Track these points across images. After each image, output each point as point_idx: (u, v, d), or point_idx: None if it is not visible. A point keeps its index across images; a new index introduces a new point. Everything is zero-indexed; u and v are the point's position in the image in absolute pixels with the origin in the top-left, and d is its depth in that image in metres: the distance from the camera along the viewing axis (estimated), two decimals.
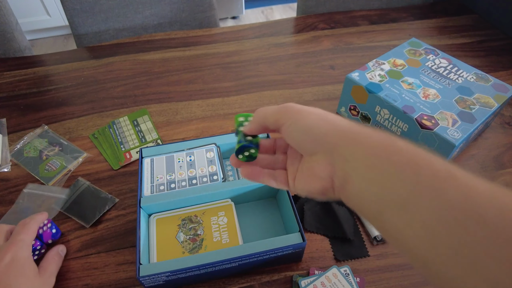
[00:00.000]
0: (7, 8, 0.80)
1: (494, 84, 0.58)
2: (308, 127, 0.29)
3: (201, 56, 0.80)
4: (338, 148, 0.27)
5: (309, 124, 0.29)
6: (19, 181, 0.56)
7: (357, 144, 0.27)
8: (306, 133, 0.29)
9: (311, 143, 0.29)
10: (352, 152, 0.27)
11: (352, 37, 0.84)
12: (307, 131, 0.29)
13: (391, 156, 0.25)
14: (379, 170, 0.25)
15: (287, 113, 0.31)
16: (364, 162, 0.26)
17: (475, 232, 0.19)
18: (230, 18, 2.28)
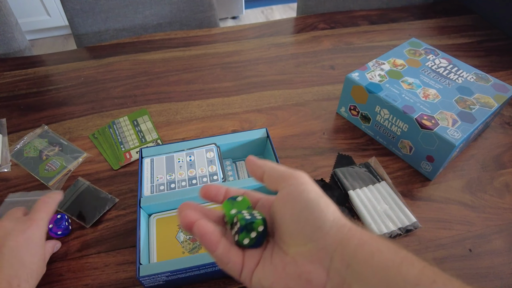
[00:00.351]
0: (7, 8, 0.80)
1: (494, 84, 0.58)
2: (319, 205, 0.23)
3: (201, 56, 0.80)
4: (344, 246, 0.22)
5: (322, 203, 0.23)
6: (19, 181, 0.56)
7: (364, 247, 0.22)
8: (315, 212, 0.23)
9: (315, 227, 0.22)
10: (358, 256, 0.21)
11: (352, 37, 0.84)
12: (316, 209, 0.23)
13: (402, 267, 0.20)
14: (387, 284, 0.20)
15: (297, 178, 0.25)
16: (370, 273, 0.21)
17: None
18: (230, 18, 2.28)
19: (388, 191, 0.52)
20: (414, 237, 0.48)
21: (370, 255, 0.21)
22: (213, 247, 0.24)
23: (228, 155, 0.55)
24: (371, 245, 0.22)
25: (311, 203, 0.23)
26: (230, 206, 0.27)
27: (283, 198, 0.25)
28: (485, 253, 0.46)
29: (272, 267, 0.24)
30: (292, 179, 0.25)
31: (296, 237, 0.23)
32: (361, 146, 0.60)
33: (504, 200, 0.53)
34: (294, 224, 0.23)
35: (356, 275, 0.21)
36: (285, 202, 0.24)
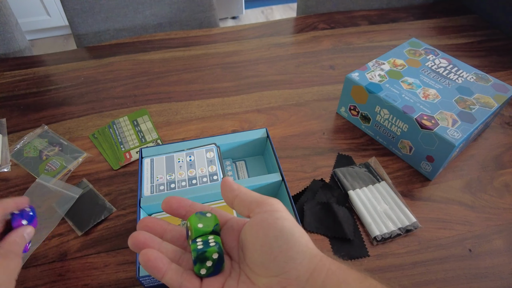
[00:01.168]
0: (7, 8, 0.80)
1: (494, 84, 0.58)
2: (293, 235, 0.22)
3: (201, 56, 0.80)
4: (315, 277, 0.22)
5: (295, 233, 0.22)
6: (19, 181, 0.55)
7: (332, 278, 0.22)
8: (289, 242, 0.22)
9: (287, 258, 0.22)
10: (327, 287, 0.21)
11: (352, 37, 0.84)
12: (290, 240, 0.22)
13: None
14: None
15: (270, 205, 0.24)
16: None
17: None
18: (230, 18, 2.28)
19: (388, 191, 0.52)
20: (414, 237, 0.48)
21: (337, 285, 0.22)
22: (159, 274, 0.23)
23: (228, 155, 0.55)
24: (338, 276, 0.22)
25: (285, 232, 0.22)
26: (197, 221, 0.26)
27: (256, 224, 0.23)
28: (485, 253, 0.46)
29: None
30: (266, 205, 0.24)
31: (267, 267, 0.22)
32: (361, 146, 0.60)
33: (504, 200, 0.53)
34: (266, 253, 0.22)
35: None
36: (257, 230, 0.23)
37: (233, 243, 0.26)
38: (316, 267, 0.22)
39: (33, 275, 0.45)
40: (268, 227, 0.23)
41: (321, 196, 0.52)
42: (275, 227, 0.22)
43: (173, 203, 0.27)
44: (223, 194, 0.27)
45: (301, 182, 0.55)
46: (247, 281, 0.24)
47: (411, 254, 0.46)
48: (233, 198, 0.26)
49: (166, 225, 0.27)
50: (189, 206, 0.28)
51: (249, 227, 0.24)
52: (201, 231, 0.25)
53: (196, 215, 0.26)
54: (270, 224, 0.23)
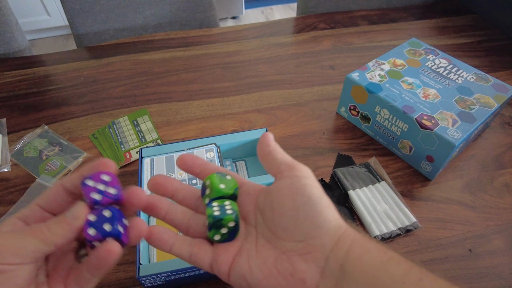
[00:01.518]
0: (7, 8, 0.80)
1: (494, 84, 0.58)
2: (321, 203, 0.22)
3: (201, 56, 0.80)
4: (340, 246, 0.21)
5: (323, 201, 0.22)
6: (19, 181, 0.55)
7: (355, 246, 0.21)
8: (317, 210, 0.22)
9: (314, 225, 0.21)
10: (350, 255, 0.21)
11: (352, 37, 0.84)
12: (318, 207, 0.22)
13: (389, 266, 0.21)
14: (375, 282, 0.20)
15: (299, 170, 0.23)
16: (360, 273, 0.21)
17: None
18: (230, 18, 2.28)
19: (388, 191, 0.52)
20: (414, 237, 0.48)
21: (360, 255, 0.21)
22: (166, 247, 0.24)
23: (228, 155, 0.55)
24: (361, 246, 0.22)
25: (313, 200, 0.22)
26: (218, 181, 0.25)
27: (283, 189, 0.23)
28: (485, 253, 0.46)
29: (260, 261, 0.23)
30: (296, 170, 0.24)
31: (292, 232, 0.22)
32: (361, 146, 0.60)
33: (504, 200, 0.53)
34: (293, 218, 0.22)
35: (347, 275, 0.21)
36: (284, 194, 0.23)
37: (250, 207, 0.26)
38: (341, 237, 0.22)
39: None
40: (296, 192, 0.22)
41: None
42: (304, 193, 0.22)
43: (188, 160, 0.27)
44: (258, 146, 0.27)
45: None
46: (268, 245, 0.23)
47: (411, 254, 0.46)
48: (266, 153, 0.26)
49: (178, 184, 0.27)
50: (203, 165, 0.27)
51: (276, 190, 0.23)
52: (222, 192, 0.25)
53: (217, 174, 0.26)
54: (299, 190, 0.22)
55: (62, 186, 0.23)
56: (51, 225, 0.21)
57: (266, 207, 0.24)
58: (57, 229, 0.21)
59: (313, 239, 0.22)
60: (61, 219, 0.22)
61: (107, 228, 0.21)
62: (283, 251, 0.22)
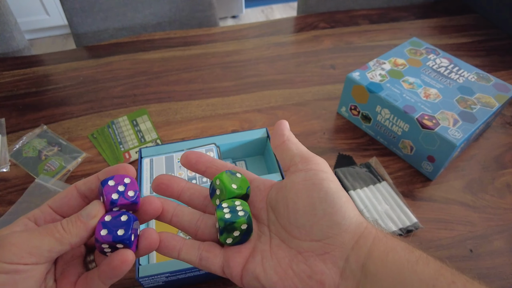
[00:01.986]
0: (6, 7, 0.79)
1: (495, 84, 0.58)
2: (340, 198, 0.20)
3: (200, 55, 0.79)
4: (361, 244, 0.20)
5: (342, 196, 0.20)
6: (18, 181, 0.55)
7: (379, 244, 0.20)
8: (336, 205, 0.20)
9: (333, 222, 0.20)
10: (373, 254, 0.19)
11: (353, 37, 0.84)
12: (337, 202, 0.20)
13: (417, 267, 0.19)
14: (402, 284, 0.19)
15: (317, 162, 0.22)
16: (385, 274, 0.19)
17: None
18: (230, 17, 2.28)
19: (389, 191, 0.52)
20: (415, 238, 0.48)
21: (384, 253, 0.20)
22: (174, 252, 0.22)
23: (228, 155, 0.55)
24: (386, 244, 0.20)
25: (332, 195, 0.20)
26: (230, 180, 0.24)
27: (297, 183, 0.21)
28: (486, 254, 0.46)
29: (274, 263, 0.21)
30: (312, 163, 0.22)
31: (308, 230, 0.21)
32: (361, 146, 0.60)
33: (505, 201, 0.52)
34: (309, 215, 0.21)
35: (370, 276, 0.19)
36: (300, 189, 0.21)
37: (261, 204, 0.24)
38: (362, 234, 0.20)
39: None
40: (312, 187, 0.21)
41: None
42: (320, 188, 0.20)
43: (192, 158, 0.25)
44: (272, 135, 0.25)
45: None
46: (282, 245, 0.22)
47: None
48: (280, 143, 0.24)
49: (184, 183, 0.25)
50: (209, 162, 0.25)
51: (290, 185, 0.22)
52: (235, 193, 0.23)
53: (227, 173, 0.24)
54: (315, 185, 0.21)
55: (76, 189, 0.23)
56: (66, 224, 0.20)
57: (279, 204, 0.23)
58: (72, 228, 0.20)
59: (332, 238, 0.20)
60: (76, 218, 0.21)
61: (120, 233, 0.21)
62: (299, 251, 0.21)
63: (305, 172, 0.22)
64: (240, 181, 0.24)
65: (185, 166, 0.25)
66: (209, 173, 0.26)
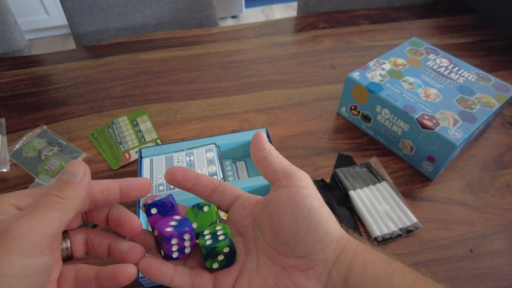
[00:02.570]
0: (6, 7, 0.79)
1: (495, 84, 0.58)
2: (322, 215, 0.21)
3: (200, 55, 0.79)
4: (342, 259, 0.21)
5: (324, 213, 0.21)
6: (18, 181, 0.55)
7: (359, 258, 0.21)
8: (318, 223, 0.21)
9: (315, 239, 0.20)
10: (354, 267, 0.21)
11: (353, 37, 0.84)
12: (320, 220, 0.21)
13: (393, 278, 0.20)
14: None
15: (299, 178, 0.22)
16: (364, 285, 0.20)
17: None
18: (230, 17, 2.28)
19: (389, 191, 0.52)
20: (415, 238, 0.48)
21: (363, 266, 0.21)
22: (167, 279, 0.22)
23: (228, 155, 0.55)
24: (365, 257, 0.21)
25: (314, 212, 0.21)
26: (192, 219, 0.25)
27: (281, 200, 0.22)
28: (486, 254, 0.46)
29: (261, 281, 0.22)
30: (295, 179, 0.22)
31: (292, 247, 0.21)
32: (361, 146, 0.60)
33: (506, 201, 0.52)
34: (293, 232, 0.21)
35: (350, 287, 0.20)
36: (283, 206, 0.22)
37: (246, 222, 0.24)
38: (343, 249, 0.21)
39: None
40: (296, 204, 0.21)
41: (322, 196, 0.52)
42: (304, 206, 0.21)
43: (179, 175, 0.25)
44: (252, 150, 0.25)
45: None
46: (268, 262, 0.22)
47: (412, 255, 0.46)
48: (261, 158, 0.24)
49: (195, 178, 0.25)
50: (195, 178, 0.25)
51: (274, 201, 0.22)
52: (199, 230, 0.24)
53: (192, 210, 0.25)
54: (299, 202, 0.21)
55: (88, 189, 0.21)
56: (59, 192, 0.19)
57: (264, 220, 0.23)
58: (69, 192, 0.19)
59: (315, 254, 0.21)
60: (65, 182, 0.19)
61: (187, 237, 0.23)
62: (284, 267, 0.22)
63: (289, 188, 0.22)
64: (203, 217, 0.25)
65: (171, 183, 0.25)
66: (195, 190, 0.26)
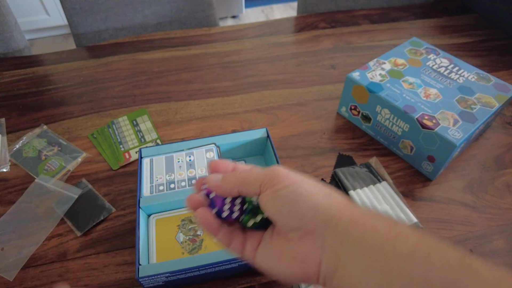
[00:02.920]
0: (6, 7, 0.79)
1: (495, 84, 0.58)
2: (299, 195, 0.24)
3: (200, 55, 0.79)
4: (334, 225, 0.23)
5: (302, 193, 0.24)
6: (18, 181, 0.55)
7: (357, 224, 0.22)
8: (296, 203, 0.24)
9: (299, 215, 0.24)
10: (351, 233, 0.22)
11: (353, 37, 0.84)
12: (297, 200, 0.24)
13: (396, 242, 0.21)
14: (382, 259, 0.21)
15: (276, 177, 0.25)
16: (365, 247, 0.21)
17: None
18: (230, 17, 2.28)
19: (389, 191, 0.52)
20: None
21: (363, 232, 0.22)
22: (214, 233, 0.27)
23: (228, 155, 0.55)
24: (364, 223, 0.22)
25: (290, 198, 0.24)
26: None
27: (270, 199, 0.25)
28: (486, 254, 0.46)
29: (272, 250, 0.26)
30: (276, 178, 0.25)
31: (287, 226, 0.24)
32: (361, 146, 0.60)
33: (506, 200, 0.52)
34: (285, 217, 0.24)
35: (351, 251, 0.22)
36: (273, 201, 0.25)
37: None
38: (334, 216, 0.23)
39: (32, 276, 0.45)
40: (279, 199, 0.25)
41: None
42: (282, 198, 0.24)
43: (220, 167, 0.28)
44: (223, 180, 0.27)
45: None
46: (279, 235, 0.26)
47: None
48: (231, 178, 0.27)
49: (230, 169, 0.29)
50: (232, 168, 0.29)
51: (267, 201, 0.25)
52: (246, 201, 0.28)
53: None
54: (286, 193, 0.24)
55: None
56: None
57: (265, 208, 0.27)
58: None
59: (306, 226, 0.24)
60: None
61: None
62: (288, 239, 0.25)
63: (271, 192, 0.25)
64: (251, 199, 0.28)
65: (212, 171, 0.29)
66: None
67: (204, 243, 0.44)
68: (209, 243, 0.44)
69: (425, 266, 0.19)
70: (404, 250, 0.20)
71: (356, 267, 0.21)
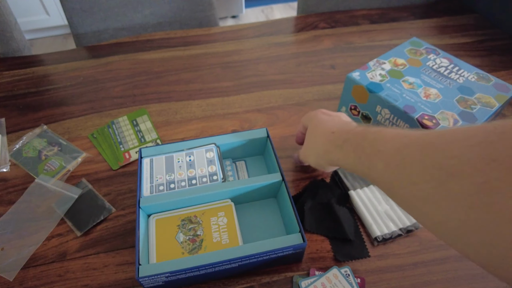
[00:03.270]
0: (6, 7, 0.80)
1: (496, 84, 0.57)
2: (315, 125, 0.45)
3: (200, 55, 0.79)
4: (358, 134, 0.37)
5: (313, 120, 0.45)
6: (18, 181, 0.55)
7: (384, 132, 0.34)
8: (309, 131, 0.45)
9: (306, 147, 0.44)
10: (379, 135, 0.34)
11: (353, 37, 0.84)
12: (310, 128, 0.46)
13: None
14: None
15: (309, 121, 0.46)
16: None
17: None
18: (230, 17, 2.28)
19: None
20: (415, 238, 0.48)
21: (377, 131, 0.35)
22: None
23: (228, 155, 0.55)
24: (374, 133, 0.35)
25: (314, 126, 0.45)
26: None
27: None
28: None
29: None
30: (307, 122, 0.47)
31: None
32: None
33: None
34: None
35: (370, 139, 0.34)
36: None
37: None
38: (330, 145, 0.40)
39: (32, 276, 0.45)
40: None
41: (322, 196, 0.52)
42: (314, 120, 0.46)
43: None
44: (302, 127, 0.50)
45: (301, 182, 0.55)
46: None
47: (412, 255, 0.46)
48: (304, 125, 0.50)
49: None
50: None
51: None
52: None
53: None
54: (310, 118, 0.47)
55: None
56: None
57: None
58: None
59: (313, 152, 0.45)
60: None
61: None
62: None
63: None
64: None
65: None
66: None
67: (204, 243, 0.44)
68: (209, 243, 0.44)
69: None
70: (416, 133, 0.30)
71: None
